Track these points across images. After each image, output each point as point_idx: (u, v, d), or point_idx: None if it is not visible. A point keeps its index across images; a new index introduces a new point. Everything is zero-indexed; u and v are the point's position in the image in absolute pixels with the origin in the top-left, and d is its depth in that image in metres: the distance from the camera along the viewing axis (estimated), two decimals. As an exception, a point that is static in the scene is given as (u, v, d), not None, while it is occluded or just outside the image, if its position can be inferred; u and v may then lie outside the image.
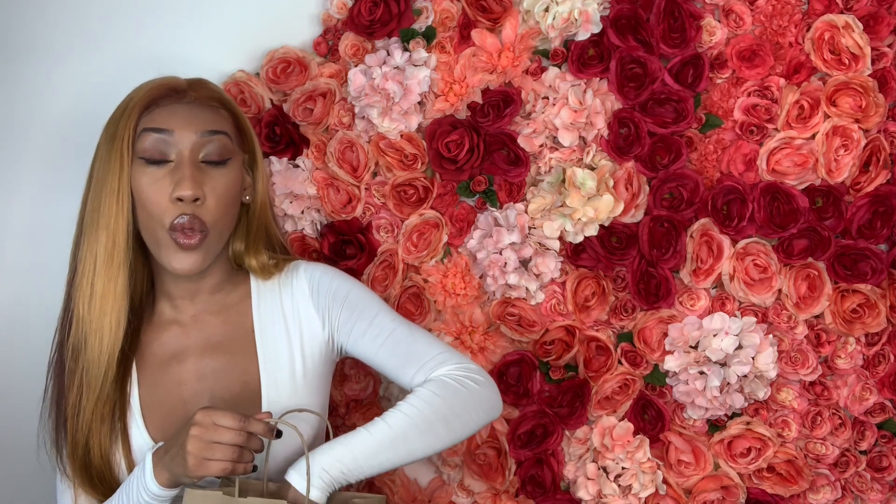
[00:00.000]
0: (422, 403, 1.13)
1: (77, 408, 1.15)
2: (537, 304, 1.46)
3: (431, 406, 1.13)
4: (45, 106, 1.45)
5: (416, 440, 1.12)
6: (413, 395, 1.15)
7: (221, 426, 1.03)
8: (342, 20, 1.44)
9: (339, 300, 1.22)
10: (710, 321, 1.42)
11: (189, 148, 1.14)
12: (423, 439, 1.12)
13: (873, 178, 1.42)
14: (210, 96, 1.20)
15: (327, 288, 1.23)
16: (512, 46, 1.42)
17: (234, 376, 1.20)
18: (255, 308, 1.23)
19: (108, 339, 1.15)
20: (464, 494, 1.50)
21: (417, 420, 1.12)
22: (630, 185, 1.44)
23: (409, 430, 1.11)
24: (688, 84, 1.42)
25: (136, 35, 1.44)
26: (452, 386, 1.15)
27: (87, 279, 1.15)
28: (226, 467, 1.02)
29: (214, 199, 1.15)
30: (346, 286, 1.23)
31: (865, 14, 1.40)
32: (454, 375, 1.17)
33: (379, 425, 1.11)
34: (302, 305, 1.23)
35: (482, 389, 1.17)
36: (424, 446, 1.13)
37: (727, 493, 1.47)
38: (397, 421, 1.12)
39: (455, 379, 1.16)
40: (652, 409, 1.47)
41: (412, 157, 1.44)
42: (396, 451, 1.11)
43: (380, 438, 1.10)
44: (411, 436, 1.11)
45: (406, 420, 1.12)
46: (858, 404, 1.45)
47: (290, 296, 1.24)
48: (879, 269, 1.42)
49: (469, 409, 1.16)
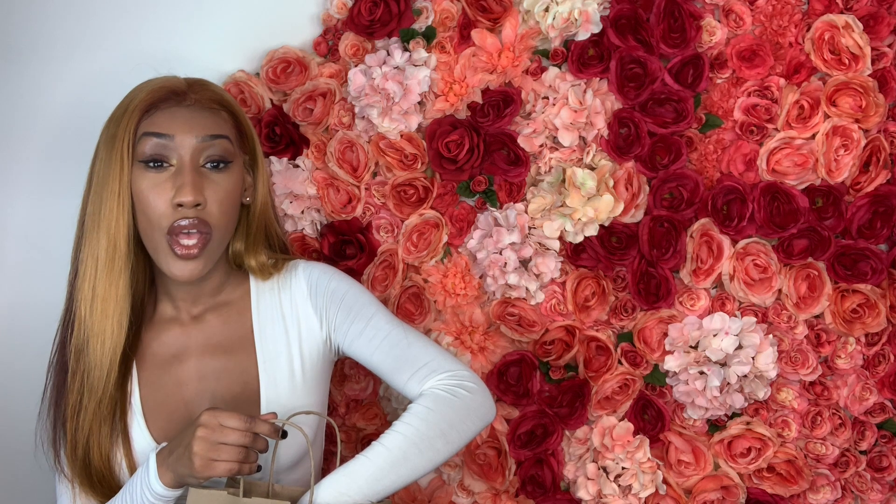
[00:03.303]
0: (418, 421, 1.12)
1: (77, 408, 1.15)
2: (537, 304, 1.46)
3: (427, 422, 1.12)
4: (46, 106, 1.45)
5: (416, 459, 1.11)
6: (408, 412, 1.14)
7: (227, 427, 1.03)
8: (342, 20, 1.44)
9: (337, 300, 1.22)
10: (710, 321, 1.43)
11: (190, 153, 1.13)
12: (423, 456, 1.11)
13: (873, 178, 1.42)
14: (211, 98, 1.19)
15: (325, 287, 1.23)
16: (512, 46, 1.42)
17: (234, 376, 1.20)
18: (255, 308, 1.23)
19: (110, 341, 1.15)
20: (464, 494, 1.50)
21: (415, 439, 1.11)
22: (630, 185, 1.44)
23: (408, 451, 1.10)
24: (688, 84, 1.42)
25: (136, 35, 1.44)
26: (446, 398, 1.15)
27: (88, 282, 1.14)
28: (232, 468, 1.03)
29: (216, 204, 1.14)
30: (343, 286, 1.23)
31: (865, 14, 1.40)
32: (446, 386, 1.16)
33: (377, 450, 1.10)
34: (300, 305, 1.23)
35: (475, 397, 1.17)
36: (425, 462, 1.12)
37: (727, 493, 1.47)
38: (395, 443, 1.11)
39: (447, 390, 1.16)
40: (652, 409, 1.47)
41: (412, 157, 1.44)
42: (399, 472, 1.10)
43: (380, 464, 1.09)
44: (411, 455, 1.11)
45: (404, 440, 1.11)
46: (858, 404, 1.45)
47: (288, 295, 1.24)
48: (879, 269, 1.42)
49: (464, 418, 1.15)
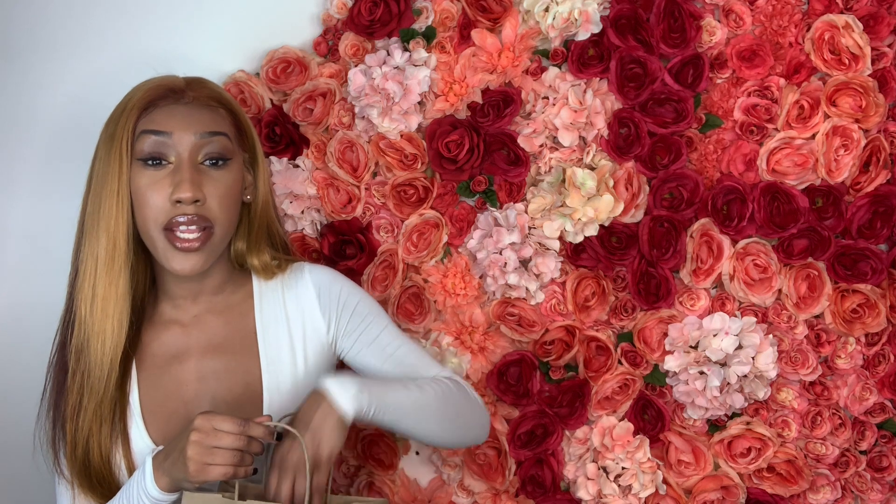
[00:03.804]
0: (446, 388, 1.21)
1: (77, 409, 1.15)
2: (537, 304, 1.46)
3: (451, 394, 1.22)
4: (46, 106, 1.45)
5: (432, 416, 1.19)
6: (437, 380, 1.22)
7: (222, 431, 1.02)
8: (342, 20, 1.44)
9: (349, 307, 1.24)
10: (710, 321, 1.42)
11: (188, 150, 1.13)
12: (435, 418, 1.19)
13: (873, 178, 1.42)
14: (209, 96, 1.19)
15: (337, 293, 1.24)
16: (512, 46, 1.42)
17: (235, 378, 1.19)
18: (258, 309, 1.23)
19: (110, 341, 1.14)
20: (464, 494, 1.50)
21: (441, 399, 1.19)
22: (630, 185, 1.44)
23: (432, 403, 1.19)
24: (688, 84, 1.42)
25: (136, 35, 1.44)
26: (468, 391, 1.26)
27: (88, 282, 1.14)
28: (227, 472, 1.02)
29: (215, 201, 1.14)
30: (356, 294, 1.26)
31: (865, 14, 1.40)
32: (465, 385, 1.26)
33: (411, 387, 1.18)
34: (307, 306, 1.23)
35: (484, 410, 1.28)
36: (432, 426, 1.20)
37: (727, 493, 1.47)
38: (428, 390, 1.19)
39: (468, 387, 1.27)
40: (652, 409, 1.47)
41: (412, 157, 1.44)
42: (416, 415, 1.17)
43: (412, 398, 1.17)
44: (430, 410, 1.18)
45: (433, 394, 1.19)
46: (858, 404, 1.45)
47: (293, 297, 1.23)
48: (879, 269, 1.42)
49: (474, 415, 1.25)
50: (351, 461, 1.51)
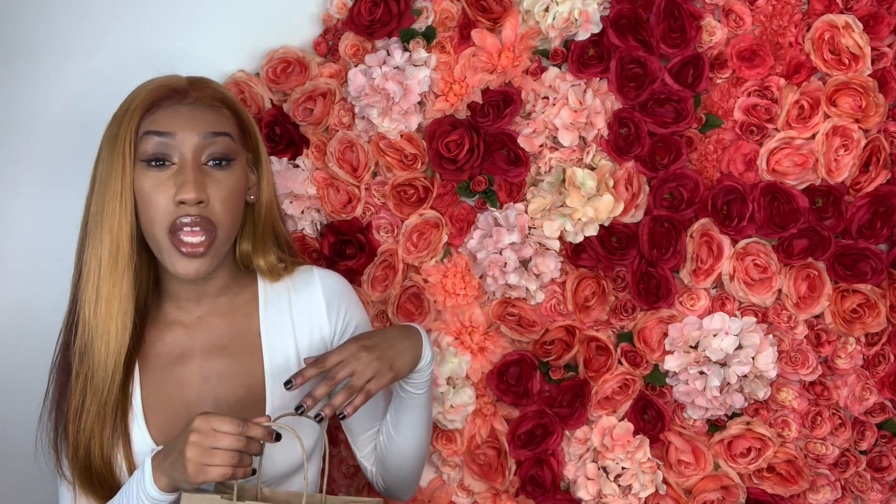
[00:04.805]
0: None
1: (80, 410, 1.14)
2: (537, 304, 1.46)
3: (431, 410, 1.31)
4: (47, 106, 1.45)
5: (426, 418, 1.28)
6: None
7: (220, 431, 1.02)
8: (342, 20, 1.44)
9: (351, 326, 1.26)
10: (710, 321, 1.42)
11: (191, 150, 1.12)
12: (427, 423, 1.29)
13: (873, 178, 1.42)
14: (212, 96, 1.18)
15: (346, 308, 1.26)
16: (512, 46, 1.42)
17: (238, 379, 1.19)
18: (262, 311, 1.22)
19: (114, 342, 1.14)
20: (464, 494, 1.50)
21: (430, 408, 1.30)
22: (630, 185, 1.44)
23: (429, 408, 1.29)
24: (688, 84, 1.42)
25: (136, 35, 1.44)
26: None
27: (92, 283, 1.14)
28: (226, 473, 1.02)
29: (219, 201, 1.13)
30: (357, 315, 1.29)
31: (865, 14, 1.39)
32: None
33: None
34: (315, 312, 1.23)
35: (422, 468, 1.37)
36: (423, 433, 1.29)
37: (727, 493, 1.47)
38: (430, 398, 1.29)
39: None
40: (652, 409, 1.47)
41: (412, 157, 1.44)
42: (426, 418, 1.28)
43: (430, 407, 1.29)
44: (428, 425, 1.29)
45: (430, 420, 1.30)
46: (858, 404, 1.45)
47: (300, 300, 1.23)
48: (879, 269, 1.42)
49: (424, 461, 1.35)
50: (351, 461, 1.51)
